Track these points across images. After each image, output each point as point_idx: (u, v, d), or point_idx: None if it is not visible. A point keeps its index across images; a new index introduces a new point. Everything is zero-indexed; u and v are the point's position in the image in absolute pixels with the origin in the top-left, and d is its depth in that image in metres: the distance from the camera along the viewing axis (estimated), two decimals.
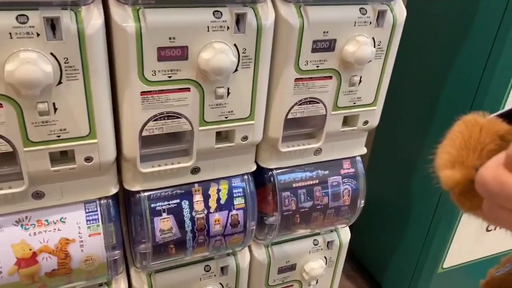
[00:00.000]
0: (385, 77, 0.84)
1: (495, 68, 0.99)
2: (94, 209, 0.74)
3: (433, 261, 1.29)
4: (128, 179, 0.76)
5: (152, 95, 0.66)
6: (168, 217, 0.77)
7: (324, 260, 1.02)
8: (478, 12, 1.01)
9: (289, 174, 0.88)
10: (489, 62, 1.00)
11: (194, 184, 0.80)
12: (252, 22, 0.68)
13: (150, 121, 0.68)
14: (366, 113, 0.87)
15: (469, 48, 1.06)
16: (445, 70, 1.12)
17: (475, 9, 1.01)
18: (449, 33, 1.11)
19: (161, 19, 0.63)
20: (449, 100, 1.13)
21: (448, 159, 0.31)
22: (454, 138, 0.31)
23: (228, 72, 0.67)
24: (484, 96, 1.04)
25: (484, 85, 1.03)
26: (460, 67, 1.09)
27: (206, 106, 0.71)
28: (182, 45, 0.65)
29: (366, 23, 0.76)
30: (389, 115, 1.28)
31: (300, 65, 0.75)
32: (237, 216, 0.82)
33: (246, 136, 0.77)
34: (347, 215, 0.95)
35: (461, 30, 1.06)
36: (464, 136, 0.31)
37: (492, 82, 1.02)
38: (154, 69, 0.65)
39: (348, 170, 0.93)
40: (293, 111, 0.79)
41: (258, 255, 0.95)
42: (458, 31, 1.07)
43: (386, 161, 1.42)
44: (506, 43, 0.96)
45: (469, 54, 1.06)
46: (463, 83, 1.08)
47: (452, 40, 1.10)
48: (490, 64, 1.00)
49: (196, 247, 0.81)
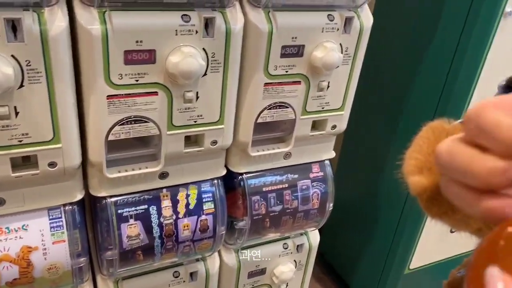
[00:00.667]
0: (353, 83, 0.86)
1: (457, 75, 1.03)
2: (58, 216, 0.72)
3: (400, 262, 1.32)
4: (94, 185, 0.74)
5: (119, 99, 0.65)
6: (136, 223, 0.76)
7: (294, 263, 1.03)
8: (440, 21, 1.04)
9: (259, 178, 0.88)
10: (452, 68, 1.04)
11: (163, 189, 0.79)
12: (221, 27, 0.67)
13: (116, 125, 0.67)
14: (334, 117, 0.88)
15: (433, 55, 1.09)
16: (410, 76, 1.15)
17: (438, 18, 1.05)
18: (413, 40, 1.14)
19: (128, 22, 0.62)
20: (414, 105, 1.16)
21: (416, 165, 0.31)
22: (421, 144, 0.32)
23: (197, 76, 0.67)
24: (447, 101, 1.07)
25: (447, 91, 1.07)
26: (424, 73, 1.12)
27: (175, 110, 0.70)
28: (150, 48, 0.64)
29: (334, 30, 0.77)
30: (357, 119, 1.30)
31: (270, 70, 0.75)
32: (207, 221, 0.82)
33: (215, 140, 0.77)
34: (316, 218, 0.96)
35: (425, 37, 1.09)
36: (431, 141, 0.32)
37: (454, 88, 1.05)
38: (120, 72, 0.64)
39: (317, 174, 0.94)
40: (262, 115, 0.79)
41: (228, 260, 0.94)
42: (422, 39, 1.10)
43: (354, 165, 1.45)
44: (467, 51, 0.99)
45: (433, 60, 1.09)
46: (428, 89, 1.12)
47: (416, 47, 1.13)
48: (453, 70, 1.03)
49: (165, 253, 0.80)
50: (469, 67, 1.01)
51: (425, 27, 1.09)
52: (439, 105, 1.09)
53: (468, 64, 1.00)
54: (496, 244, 0.21)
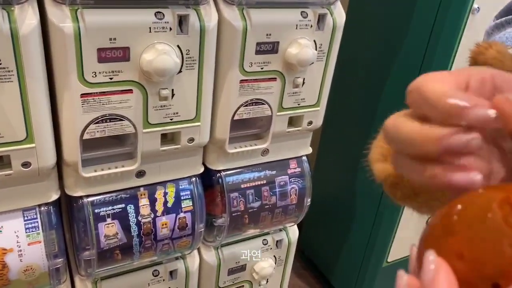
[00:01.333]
0: (327, 79, 0.87)
1: (430, 67, 1.05)
2: (33, 217, 0.71)
3: (378, 255, 1.34)
4: (70, 184, 0.74)
5: (93, 97, 0.65)
6: (113, 222, 0.75)
7: (274, 259, 1.03)
8: (412, 16, 1.07)
9: (237, 175, 0.88)
10: (424, 63, 1.06)
11: (140, 188, 0.78)
12: (195, 24, 0.68)
13: (91, 124, 0.66)
14: (310, 113, 0.89)
15: (405, 50, 1.11)
16: (384, 71, 1.18)
17: (410, 14, 1.07)
18: (386, 36, 1.16)
19: (101, 19, 0.61)
20: (389, 100, 1.19)
21: (381, 153, 0.32)
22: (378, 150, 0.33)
23: (171, 73, 0.67)
24: None
25: None
26: (397, 68, 1.15)
27: (150, 108, 0.70)
28: (123, 46, 0.64)
29: (307, 26, 0.78)
30: (334, 115, 1.32)
31: (245, 66, 0.76)
32: (185, 219, 0.82)
33: (192, 138, 0.77)
34: (295, 213, 0.97)
35: (397, 33, 1.12)
36: None
37: None
38: (94, 70, 0.63)
39: (294, 170, 0.95)
40: (239, 112, 0.80)
41: (208, 258, 0.94)
42: (394, 35, 1.13)
43: (331, 160, 1.47)
44: (438, 46, 1.02)
45: (406, 55, 1.11)
46: (401, 83, 1.14)
47: (389, 43, 1.15)
48: (425, 65, 1.06)
49: (143, 251, 0.80)
50: (440, 62, 1.03)
51: (397, 23, 1.11)
52: None
53: (439, 59, 1.03)
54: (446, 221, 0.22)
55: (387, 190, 0.31)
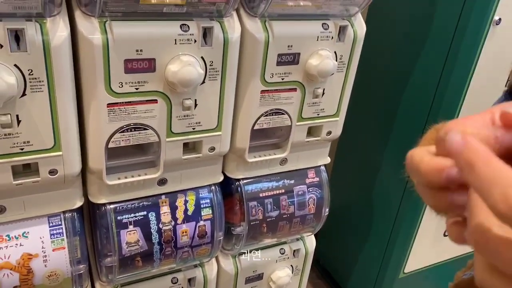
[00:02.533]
0: (347, 89, 0.88)
1: (448, 81, 1.05)
2: (58, 223, 0.73)
3: (395, 266, 1.33)
4: (94, 192, 0.75)
5: (119, 106, 0.66)
6: (135, 229, 0.77)
7: (291, 268, 1.04)
8: (431, 28, 1.07)
9: (255, 184, 0.89)
10: (443, 75, 1.06)
11: (161, 196, 0.80)
12: (219, 36, 0.69)
13: (116, 133, 0.68)
14: (329, 124, 0.89)
15: (424, 62, 1.11)
16: (402, 82, 1.18)
17: (429, 26, 1.07)
18: (405, 47, 1.16)
19: (128, 31, 0.63)
20: (407, 111, 1.19)
21: None
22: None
23: (195, 84, 0.68)
24: (439, 107, 1.09)
25: (439, 97, 1.09)
26: (416, 80, 1.14)
27: (174, 117, 0.71)
28: (150, 57, 0.65)
29: (328, 38, 0.79)
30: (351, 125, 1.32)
31: (266, 77, 0.77)
32: (205, 227, 0.83)
33: (213, 147, 0.78)
34: (313, 223, 0.97)
35: (416, 45, 1.12)
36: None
37: (446, 94, 1.07)
38: (121, 81, 0.65)
39: (312, 179, 0.95)
40: (259, 122, 0.81)
41: (225, 266, 0.95)
42: (413, 46, 1.13)
43: (348, 170, 1.46)
44: (458, 59, 1.02)
45: (425, 67, 1.11)
46: (420, 95, 1.14)
47: (407, 54, 1.15)
48: (444, 77, 1.06)
49: (163, 259, 0.81)
50: (460, 74, 1.03)
51: (416, 35, 1.12)
52: (431, 111, 1.11)
53: (459, 71, 1.03)
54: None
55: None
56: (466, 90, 1.04)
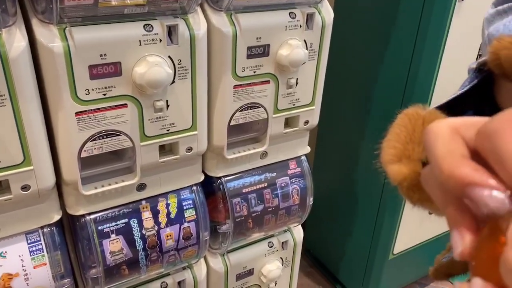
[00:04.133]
0: (320, 77, 0.87)
1: (420, 60, 1.05)
2: (37, 239, 0.71)
3: (384, 248, 1.34)
4: (71, 204, 0.73)
5: (88, 114, 0.64)
6: (117, 238, 0.75)
7: (281, 261, 1.03)
8: (399, 8, 1.07)
9: (237, 180, 0.88)
10: (414, 54, 1.06)
11: (142, 201, 0.78)
12: (185, 33, 0.67)
13: (88, 141, 0.66)
14: (305, 113, 0.89)
15: (395, 43, 1.11)
16: (375, 65, 1.18)
17: (397, 6, 1.07)
18: (375, 30, 1.16)
19: (90, 36, 0.61)
20: (382, 94, 1.19)
21: (395, 154, 0.30)
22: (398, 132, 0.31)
23: (165, 85, 0.66)
24: (413, 86, 1.10)
25: (412, 76, 1.09)
26: (388, 61, 1.15)
27: (146, 120, 0.70)
28: (115, 61, 0.63)
29: (297, 27, 0.78)
30: (329, 113, 1.32)
31: (237, 71, 0.76)
32: (189, 229, 0.82)
33: (190, 147, 0.77)
34: (298, 213, 0.97)
35: (386, 26, 1.12)
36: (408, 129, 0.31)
37: (418, 75, 1.08)
38: (87, 87, 0.63)
39: (294, 170, 0.95)
40: (235, 117, 0.80)
41: (215, 265, 0.94)
42: (383, 28, 1.13)
43: (330, 158, 1.47)
44: (427, 36, 1.02)
45: (396, 48, 1.11)
46: (393, 76, 1.14)
47: (378, 36, 1.15)
48: (415, 56, 1.06)
49: (150, 265, 0.79)
50: (431, 52, 1.03)
51: (385, 16, 1.12)
52: (406, 90, 1.12)
53: (429, 49, 1.03)
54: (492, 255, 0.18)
55: (403, 192, 0.29)
56: (438, 68, 1.05)
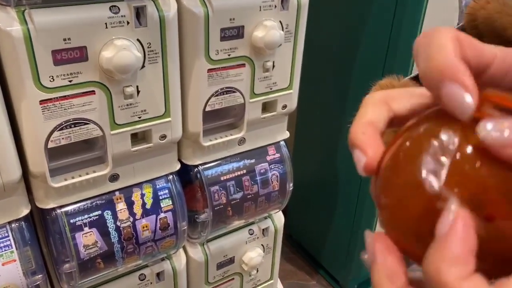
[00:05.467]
0: (297, 59, 0.85)
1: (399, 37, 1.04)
2: (5, 235, 0.67)
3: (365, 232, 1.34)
4: (40, 197, 0.70)
5: (53, 102, 0.61)
6: (91, 230, 0.72)
7: (262, 248, 1.02)
8: None
9: (215, 168, 0.86)
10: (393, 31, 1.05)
11: (115, 192, 0.75)
12: (154, 15, 0.64)
13: (55, 131, 0.63)
14: (283, 97, 0.87)
15: (373, 23, 1.10)
16: (353, 46, 1.16)
17: None
18: (352, 9, 1.15)
19: (52, 19, 0.57)
20: (361, 74, 1.18)
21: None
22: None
23: (134, 69, 0.63)
24: (391, 68, 1.09)
25: (391, 57, 1.08)
26: (366, 42, 1.13)
27: (116, 107, 0.67)
28: (80, 45, 0.60)
29: (271, 7, 0.75)
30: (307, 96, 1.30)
31: (211, 55, 0.73)
32: (166, 219, 0.79)
33: (164, 134, 0.74)
34: (278, 200, 0.95)
35: (363, 6, 1.10)
36: None
37: (397, 53, 1.07)
38: (51, 74, 0.59)
39: (273, 156, 0.93)
40: (210, 103, 0.77)
41: (194, 255, 0.92)
42: (360, 7, 1.11)
43: (310, 143, 1.45)
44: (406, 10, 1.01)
45: (374, 26, 1.10)
46: (372, 59, 1.13)
47: (355, 16, 1.13)
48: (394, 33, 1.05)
49: (126, 257, 0.77)
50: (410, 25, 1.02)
51: None
52: (385, 71, 1.11)
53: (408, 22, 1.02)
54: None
55: None
56: None
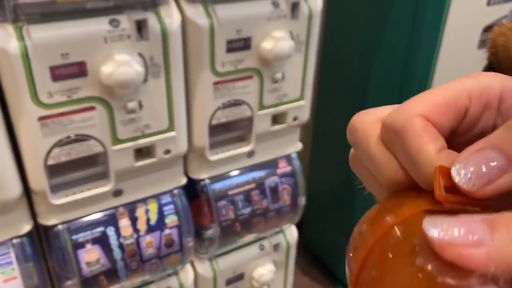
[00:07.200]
0: (309, 70, 0.82)
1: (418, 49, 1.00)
2: (6, 251, 0.66)
3: None
4: (42, 213, 0.69)
5: (52, 119, 0.60)
6: (93, 247, 0.71)
7: (273, 263, 0.99)
8: None
9: (222, 181, 0.83)
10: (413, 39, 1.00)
11: (119, 208, 0.74)
12: (155, 27, 0.62)
13: (54, 147, 0.61)
14: (294, 109, 0.83)
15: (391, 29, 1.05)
16: (370, 56, 1.12)
17: None
18: (369, 18, 1.10)
19: (49, 35, 0.56)
20: (379, 84, 1.13)
21: None
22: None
23: (135, 84, 0.61)
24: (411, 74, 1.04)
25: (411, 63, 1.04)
26: (384, 52, 1.09)
27: (117, 123, 0.65)
28: (78, 60, 0.58)
29: (280, 17, 0.72)
30: (324, 107, 1.26)
31: (217, 67, 0.70)
32: (171, 235, 0.77)
33: (168, 149, 0.72)
34: (289, 215, 0.92)
35: (380, 14, 1.06)
36: None
37: (417, 59, 1.02)
38: (49, 90, 0.58)
39: (284, 169, 0.90)
40: (216, 116, 0.75)
41: (202, 270, 0.90)
42: (377, 16, 1.07)
43: (328, 152, 1.41)
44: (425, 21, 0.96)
45: (392, 35, 1.05)
46: (390, 64, 1.08)
47: (373, 25, 1.09)
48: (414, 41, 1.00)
49: (130, 274, 0.75)
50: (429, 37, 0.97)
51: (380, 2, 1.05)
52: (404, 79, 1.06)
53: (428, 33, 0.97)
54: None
55: None
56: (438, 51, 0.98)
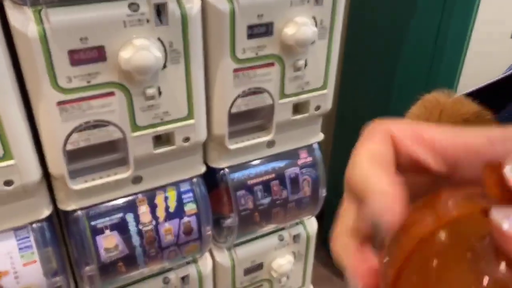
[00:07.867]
0: (333, 57, 0.79)
1: (446, 36, 0.95)
2: (26, 235, 0.67)
3: None
4: (62, 198, 0.69)
5: (71, 104, 0.59)
6: (112, 233, 0.71)
7: (292, 254, 0.97)
8: None
9: (242, 171, 0.82)
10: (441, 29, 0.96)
11: (138, 195, 0.73)
12: (175, 12, 0.61)
13: (73, 133, 0.61)
14: (316, 97, 0.81)
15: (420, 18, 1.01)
16: (397, 44, 1.08)
17: None
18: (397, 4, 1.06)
19: (68, 18, 0.55)
20: (406, 74, 1.09)
21: None
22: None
23: (154, 70, 0.60)
24: (439, 64, 1.00)
25: (439, 53, 1.00)
26: (412, 38, 1.05)
27: (137, 109, 0.64)
28: (97, 45, 0.58)
29: (304, 2, 0.70)
30: (347, 96, 1.23)
31: (237, 53, 0.69)
32: (190, 223, 0.77)
33: (187, 137, 0.71)
34: (310, 206, 0.90)
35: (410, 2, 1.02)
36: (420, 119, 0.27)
37: (445, 50, 0.98)
38: (68, 75, 0.58)
39: (305, 160, 0.88)
40: (236, 104, 0.73)
41: (221, 259, 0.89)
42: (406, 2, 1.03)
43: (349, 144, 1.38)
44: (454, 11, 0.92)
45: (420, 24, 1.01)
46: (418, 54, 1.04)
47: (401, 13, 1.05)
48: (442, 31, 0.96)
49: (149, 261, 0.75)
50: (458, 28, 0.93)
51: None
52: (432, 70, 1.02)
53: (457, 24, 0.93)
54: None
55: None
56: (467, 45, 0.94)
